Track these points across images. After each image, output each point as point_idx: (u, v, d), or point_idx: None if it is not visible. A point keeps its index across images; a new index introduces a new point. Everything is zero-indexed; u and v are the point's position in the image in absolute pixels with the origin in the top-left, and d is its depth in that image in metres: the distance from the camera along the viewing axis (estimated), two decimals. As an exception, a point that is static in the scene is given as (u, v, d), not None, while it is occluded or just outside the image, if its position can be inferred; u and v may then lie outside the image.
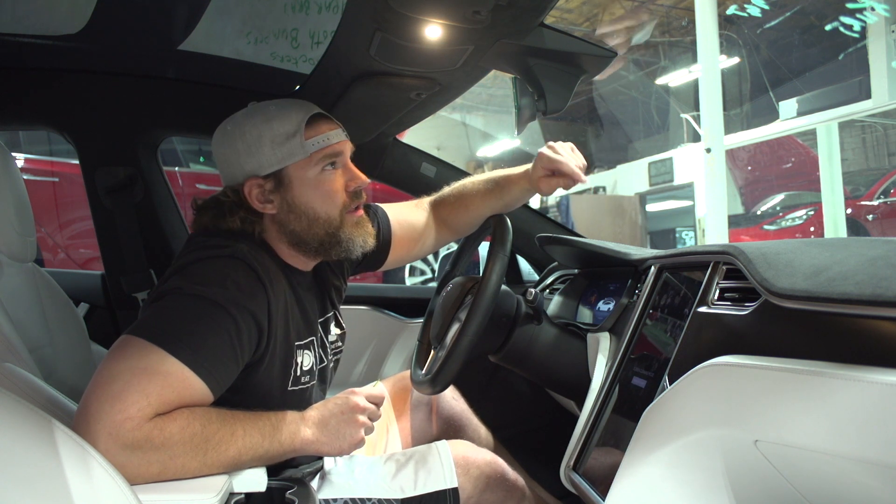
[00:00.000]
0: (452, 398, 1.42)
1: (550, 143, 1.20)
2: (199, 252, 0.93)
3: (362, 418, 0.95)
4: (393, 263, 1.33)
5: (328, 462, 1.15)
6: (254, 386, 0.94)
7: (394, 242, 1.29)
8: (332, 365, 1.17)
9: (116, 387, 0.75)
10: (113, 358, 0.79)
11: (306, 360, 1.03)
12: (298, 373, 1.01)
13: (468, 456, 1.12)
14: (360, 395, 0.97)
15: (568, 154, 1.18)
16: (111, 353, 0.80)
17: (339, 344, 1.21)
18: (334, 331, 1.19)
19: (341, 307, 1.23)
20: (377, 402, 0.99)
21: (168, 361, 0.79)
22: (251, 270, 0.91)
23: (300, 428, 0.90)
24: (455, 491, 1.06)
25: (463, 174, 1.36)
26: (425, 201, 1.37)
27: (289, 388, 1.00)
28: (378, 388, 1.02)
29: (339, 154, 1.04)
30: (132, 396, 0.75)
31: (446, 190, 1.35)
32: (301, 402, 1.02)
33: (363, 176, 1.06)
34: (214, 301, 0.85)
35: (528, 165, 1.23)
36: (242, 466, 0.83)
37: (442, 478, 1.07)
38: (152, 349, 0.79)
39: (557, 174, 1.18)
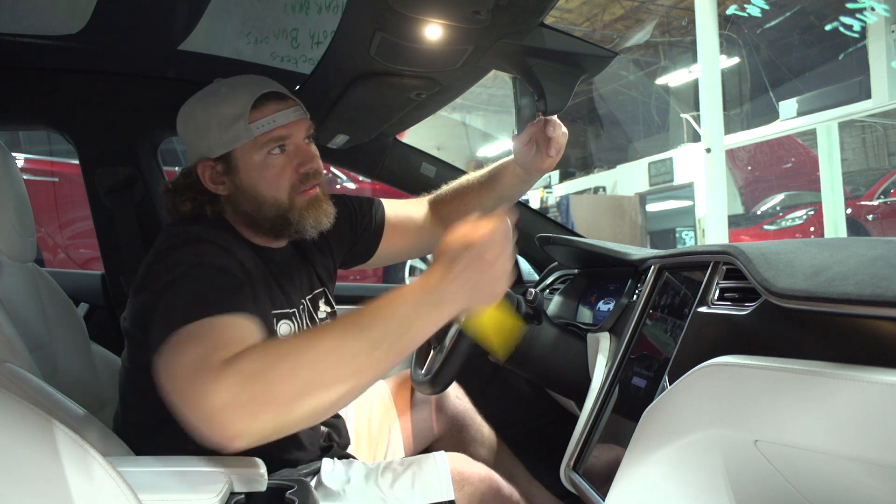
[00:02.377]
0: (456, 397, 1.42)
1: None
2: (161, 245, 0.94)
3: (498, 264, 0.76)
4: (388, 257, 1.32)
5: (325, 465, 1.14)
6: None
7: (387, 230, 1.29)
8: None
9: (187, 374, 0.69)
10: (167, 363, 0.73)
11: (284, 329, 1.04)
12: None
13: (463, 471, 1.09)
14: (481, 243, 0.74)
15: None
16: (166, 359, 0.73)
17: None
18: (324, 308, 1.17)
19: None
20: (503, 235, 0.77)
21: (207, 323, 0.75)
22: (211, 243, 0.93)
23: (432, 312, 0.73)
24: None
25: (463, 174, 1.36)
26: (425, 199, 1.37)
27: None
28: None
29: (286, 137, 1.02)
30: (201, 364, 0.68)
31: (444, 188, 1.35)
32: None
33: (317, 157, 1.05)
34: (198, 264, 0.87)
35: None
36: (361, 377, 0.71)
37: (438, 489, 1.05)
38: (188, 328, 0.75)
39: (534, 139, 1.13)
